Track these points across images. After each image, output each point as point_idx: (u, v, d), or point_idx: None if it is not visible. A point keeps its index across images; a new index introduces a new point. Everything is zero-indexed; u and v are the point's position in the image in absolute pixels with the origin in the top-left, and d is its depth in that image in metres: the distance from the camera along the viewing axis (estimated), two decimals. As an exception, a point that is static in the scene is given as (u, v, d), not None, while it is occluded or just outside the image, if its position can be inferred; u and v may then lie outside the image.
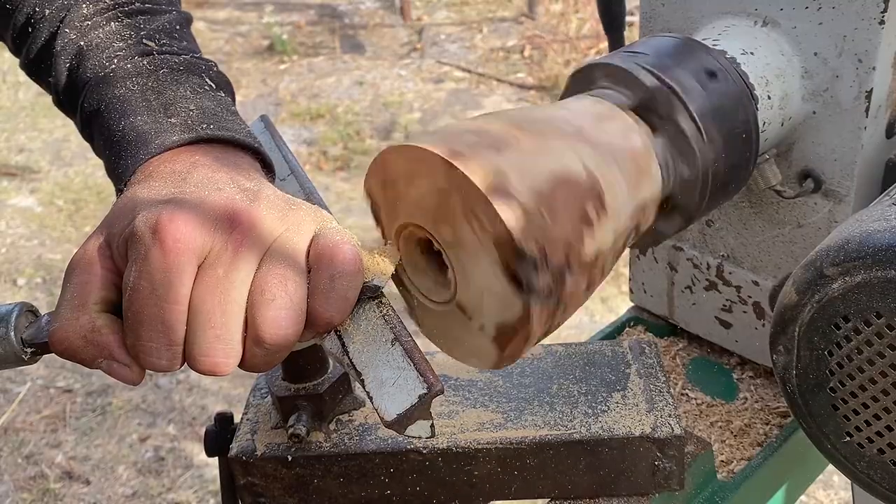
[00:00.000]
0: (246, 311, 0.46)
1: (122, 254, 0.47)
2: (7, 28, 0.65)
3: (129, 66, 0.59)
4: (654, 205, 0.60)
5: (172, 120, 0.56)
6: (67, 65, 0.61)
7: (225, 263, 0.46)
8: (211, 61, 0.63)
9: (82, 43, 0.60)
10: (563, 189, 0.50)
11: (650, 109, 0.61)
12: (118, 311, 0.48)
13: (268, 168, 0.58)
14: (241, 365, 0.48)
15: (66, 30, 0.61)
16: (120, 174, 0.55)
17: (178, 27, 0.64)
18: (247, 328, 0.47)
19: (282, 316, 0.46)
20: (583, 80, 0.65)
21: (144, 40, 0.61)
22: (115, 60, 0.59)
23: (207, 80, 0.61)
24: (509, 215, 0.46)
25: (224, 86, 0.62)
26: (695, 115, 0.60)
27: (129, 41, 0.60)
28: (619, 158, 0.56)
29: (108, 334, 0.47)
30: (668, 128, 0.61)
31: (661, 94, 0.60)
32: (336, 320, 0.48)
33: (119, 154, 0.55)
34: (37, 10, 0.63)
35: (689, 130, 0.60)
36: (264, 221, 0.47)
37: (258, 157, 0.58)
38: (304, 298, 0.47)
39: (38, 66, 0.64)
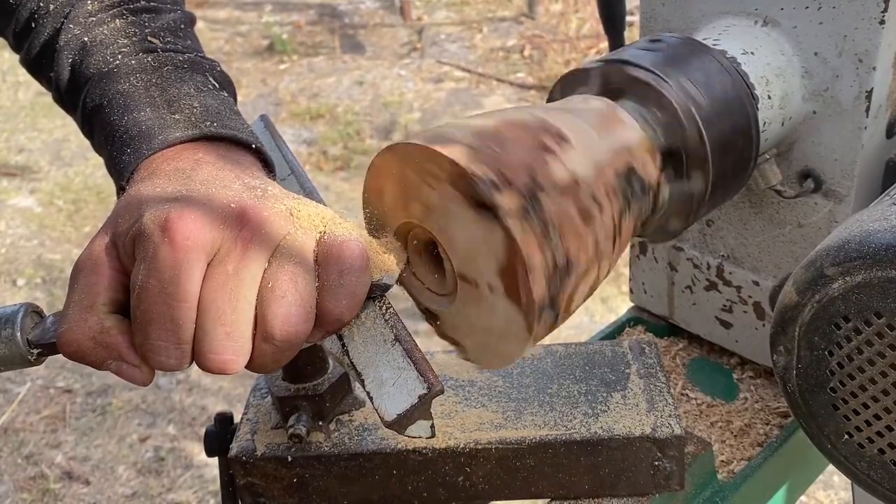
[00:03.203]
0: (255, 309, 0.46)
1: (128, 253, 0.47)
2: (9, 24, 0.65)
3: (132, 62, 0.59)
4: (642, 150, 0.60)
5: (176, 116, 0.56)
6: (70, 60, 0.61)
7: (234, 260, 0.46)
8: (214, 61, 0.63)
9: (86, 39, 0.60)
10: (510, 128, 0.52)
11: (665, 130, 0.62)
12: (126, 311, 0.47)
13: (269, 167, 0.58)
14: (250, 363, 0.48)
15: (70, 25, 0.61)
16: (121, 170, 0.55)
17: (182, 26, 0.64)
18: (256, 326, 0.47)
19: (293, 312, 0.46)
20: (608, 77, 0.64)
21: (149, 38, 0.61)
22: (119, 57, 0.59)
23: (211, 79, 0.61)
24: (452, 151, 0.48)
25: (227, 85, 0.63)
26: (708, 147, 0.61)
27: (134, 38, 0.60)
28: (577, 113, 0.58)
29: (117, 335, 0.47)
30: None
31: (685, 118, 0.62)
32: (346, 317, 0.48)
33: (121, 149, 0.55)
34: (41, 5, 0.63)
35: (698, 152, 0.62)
36: (273, 219, 0.47)
37: (259, 156, 0.58)
38: (314, 295, 0.47)
39: (39, 62, 0.64)
